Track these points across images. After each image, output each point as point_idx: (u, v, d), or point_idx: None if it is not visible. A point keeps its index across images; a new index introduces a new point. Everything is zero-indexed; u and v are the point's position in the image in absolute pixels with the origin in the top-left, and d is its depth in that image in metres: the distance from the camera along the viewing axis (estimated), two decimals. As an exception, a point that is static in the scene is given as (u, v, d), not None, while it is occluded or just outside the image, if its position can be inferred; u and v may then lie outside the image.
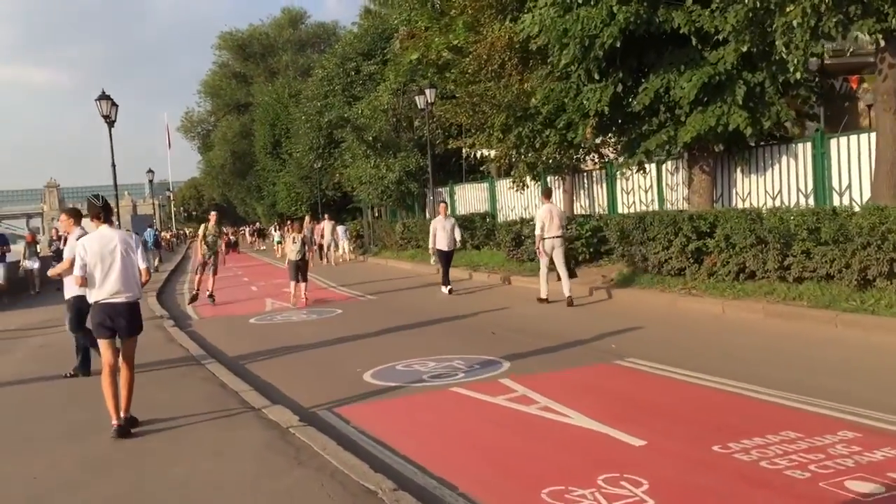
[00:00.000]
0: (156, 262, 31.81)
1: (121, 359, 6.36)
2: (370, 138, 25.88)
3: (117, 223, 12.58)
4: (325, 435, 5.83)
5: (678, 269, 12.57)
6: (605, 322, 10.70)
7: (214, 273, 16.53)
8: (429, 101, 21.80)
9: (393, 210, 30.75)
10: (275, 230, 32.03)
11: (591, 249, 17.22)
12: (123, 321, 6.26)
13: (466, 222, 22.44)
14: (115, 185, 20.12)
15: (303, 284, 15.75)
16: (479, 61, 17.44)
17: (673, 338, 9.42)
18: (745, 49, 11.45)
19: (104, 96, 18.88)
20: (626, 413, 6.16)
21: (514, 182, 18.71)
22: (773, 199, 13.41)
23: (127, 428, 6.18)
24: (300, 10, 68.21)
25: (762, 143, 13.63)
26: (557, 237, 13.03)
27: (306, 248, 16.78)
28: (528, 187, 18.68)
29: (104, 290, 6.14)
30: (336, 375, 8.55)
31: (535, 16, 13.47)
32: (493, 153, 19.65)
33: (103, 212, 6.32)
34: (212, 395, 7.53)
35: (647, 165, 14.96)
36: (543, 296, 13.13)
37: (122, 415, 6.23)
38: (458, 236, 15.98)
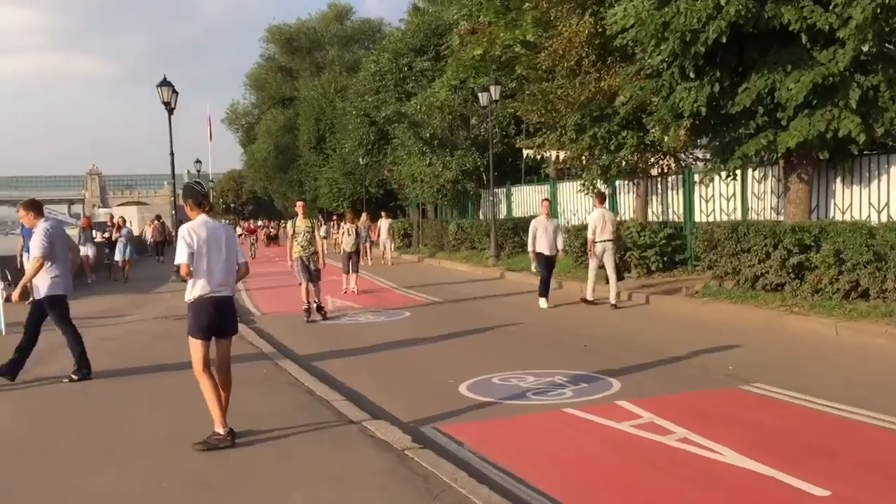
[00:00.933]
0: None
1: (216, 362, 5.74)
2: (427, 135, 25.20)
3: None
4: (447, 461, 5.13)
5: (776, 284, 11.72)
6: (702, 337, 9.90)
7: (317, 278, 12.86)
8: (493, 97, 21.02)
9: (446, 209, 30.03)
10: (321, 225, 31.80)
11: (665, 258, 16.42)
12: (228, 317, 5.65)
13: (526, 225, 21.66)
14: (174, 173, 19.67)
15: (353, 276, 16.63)
16: (553, 57, 16.67)
17: (792, 360, 8.58)
18: (865, 49, 10.56)
19: (165, 83, 18.40)
20: (787, 452, 5.36)
21: (583, 185, 17.90)
22: (879, 212, 12.46)
23: (233, 439, 5.58)
24: (346, 5, 67.50)
25: (867, 152, 12.68)
26: (609, 241, 13.47)
27: (360, 240, 17.68)
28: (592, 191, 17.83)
29: (212, 283, 5.51)
30: (428, 386, 7.86)
31: (627, 8, 12.66)
32: (562, 154, 18.84)
33: (205, 199, 5.67)
34: (303, 403, 6.87)
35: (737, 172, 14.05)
36: (589, 297, 13.78)
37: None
38: (560, 243, 13.97)
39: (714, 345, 9.32)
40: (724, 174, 13.65)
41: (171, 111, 18.70)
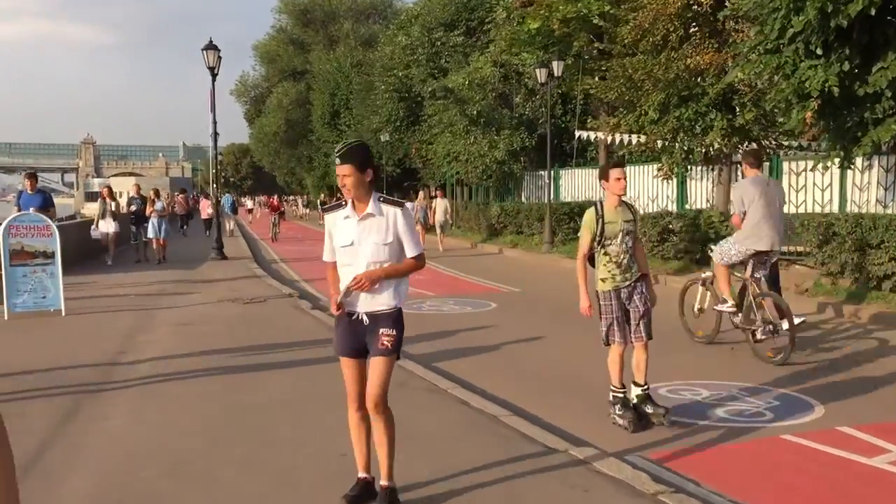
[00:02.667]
0: (231, 227, 30.87)
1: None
2: (474, 112, 23.95)
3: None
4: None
5: (910, 283, 10.64)
6: (864, 344, 8.83)
7: None
8: (556, 73, 19.77)
9: (482, 191, 28.81)
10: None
11: (749, 251, 15.30)
12: None
13: (580, 210, 20.55)
14: (216, 143, 18.37)
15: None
16: (637, 31, 15.48)
17: None
18: None
19: (211, 46, 17.08)
20: None
21: (659, 170, 16.76)
22: None
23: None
24: (361, -24, 65.74)
25: None
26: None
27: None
28: (680, 177, 16.73)
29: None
30: (586, 396, 6.76)
31: (750, -24, 11.47)
32: (634, 139, 17.69)
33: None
34: (469, 419, 5.75)
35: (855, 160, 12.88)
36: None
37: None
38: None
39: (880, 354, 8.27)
40: (840, 161, 12.53)
41: (215, 76, 17.42)
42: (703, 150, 15.32)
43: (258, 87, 71.83)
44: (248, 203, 63.29)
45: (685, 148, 15.31)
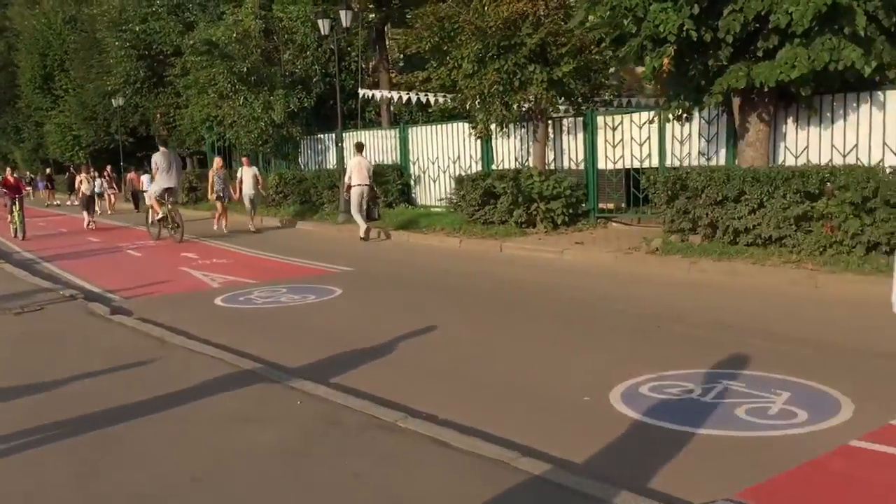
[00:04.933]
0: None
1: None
2: (244, 70, 21.06)
3: None
4: None
5: (774, 238, 10.35)
6: (816, 312, 8.21)
7: None
8: (345, 24, 17.70)
9: (259, 158, 25.81)
10: (90, 178, 25.43)
11: (570, 210, 14.75)
12: None
13: (376, 176, 18.93)
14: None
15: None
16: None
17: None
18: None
19: None
20: None
21: (473, 128, 15.55)
22: (845, 156, 11.58)
23: None
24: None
25: (822, 91, 11.69)
26: (366, 185, 15.69)
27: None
28: (494, 135, 15.60)
29: None
30: (562, 406, 5.28)
31: None
32: (441, 99, 16.34)
33: None
34: (458, 465, 3.99)
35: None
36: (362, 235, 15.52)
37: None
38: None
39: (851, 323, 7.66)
40: (682, 113, 12.08)
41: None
42: (523, 106, 14.35)
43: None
44: None
45: (506, 102, 14.21)
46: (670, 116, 12.11)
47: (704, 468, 4.21)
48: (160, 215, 16.32)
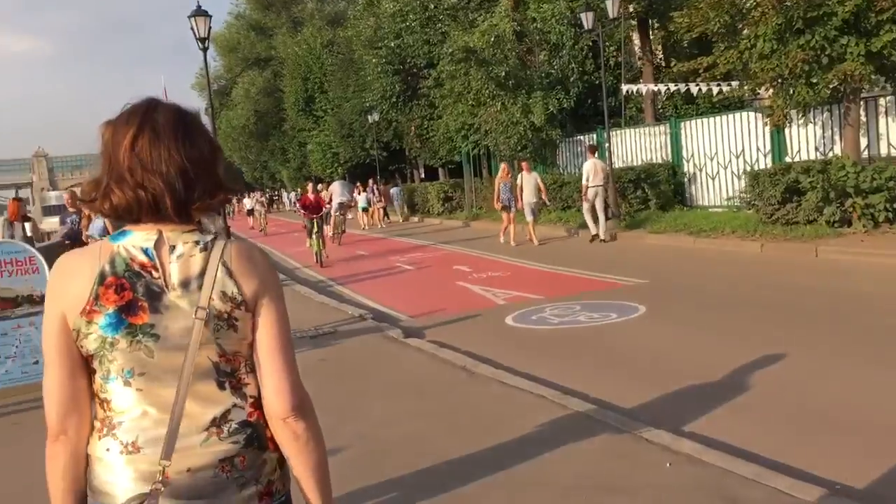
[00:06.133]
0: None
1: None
2: (502, 74, 20.57)
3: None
4: None
5: None
6: None
7: None
8: (612, 15, 16.53)
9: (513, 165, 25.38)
10: (357, 193, 26.22)
11: (894, 205, 12.44)
12: None
13: (645, 175, 17.54)
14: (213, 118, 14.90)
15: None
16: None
17: None
18: None
19: (200, 12, 13.51)
20: None
21: (769, 116, 13.72)
22: None
23: None
24: (320, -47, 61.55)
25: None
26: (600, 186, 15.66)
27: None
28: (792, 122, 13.70)
29: None
30: None
31: None
32: (727, 88, 14.66)
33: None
34: None
35: None
36: (594, 233, 15.86)
37: None
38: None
39: None
40: None
41: (205, 48, 13.95)
42: (834, 86, 12.34)
43: (220, 79, 67.46)
44: (248, 203, 42.90)
45: (812, 83, 12.28)
46: None
47: None
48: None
